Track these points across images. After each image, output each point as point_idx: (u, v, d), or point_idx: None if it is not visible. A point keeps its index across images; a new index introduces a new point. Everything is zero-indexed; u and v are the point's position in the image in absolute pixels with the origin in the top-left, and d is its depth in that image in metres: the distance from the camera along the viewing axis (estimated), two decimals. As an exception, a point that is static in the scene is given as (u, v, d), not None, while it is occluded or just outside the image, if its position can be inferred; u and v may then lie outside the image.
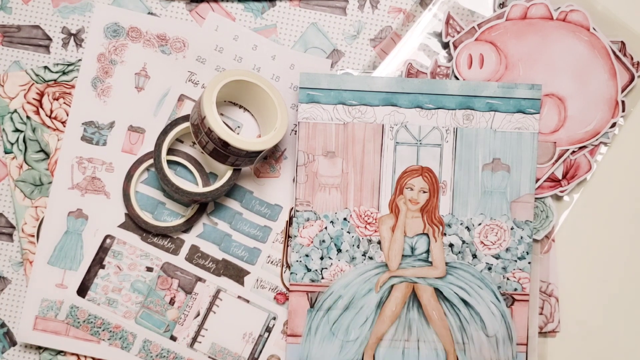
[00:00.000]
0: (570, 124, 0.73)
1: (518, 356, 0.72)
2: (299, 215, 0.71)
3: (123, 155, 0.73)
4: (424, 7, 0.75)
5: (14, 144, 0.73)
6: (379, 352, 0.71)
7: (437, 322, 0.71)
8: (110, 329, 0.72)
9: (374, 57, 0.74)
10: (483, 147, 0.71)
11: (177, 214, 0.73)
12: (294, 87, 0.74)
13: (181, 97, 0.73)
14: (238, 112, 0.74)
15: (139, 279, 0.72)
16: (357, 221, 0.71)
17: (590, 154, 0.74)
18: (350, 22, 0.75)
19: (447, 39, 0.73)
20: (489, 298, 0.72)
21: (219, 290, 0.73)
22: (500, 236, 0.72)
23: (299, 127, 0.71)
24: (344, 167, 0.71)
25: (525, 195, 0.72)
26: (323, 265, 0.71)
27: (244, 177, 0.73)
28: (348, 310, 0.71)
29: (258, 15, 0.74)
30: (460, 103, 0.71)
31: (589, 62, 0.73)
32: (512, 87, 0.71)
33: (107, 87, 0.73)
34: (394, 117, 0.71)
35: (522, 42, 0.73)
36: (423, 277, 0.71)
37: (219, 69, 0.73)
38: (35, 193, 0.72)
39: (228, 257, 0.73)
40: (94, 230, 0.72)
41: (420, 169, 0.72)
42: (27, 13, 0.73)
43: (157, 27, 0.73)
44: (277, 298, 0.73)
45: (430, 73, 0.73)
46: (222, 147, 0.68)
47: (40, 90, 0.73)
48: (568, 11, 0.73)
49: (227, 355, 0.72)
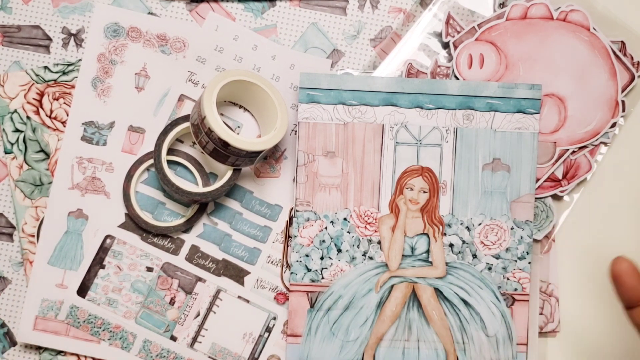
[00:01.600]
0: (571, 124, 0.73)
1: (518, 356, 0.72)
2: (299, 215, 0.71)
3: (123, 155, 0.73)
4: (424, 7, 0.75)
5: (14, 144, 0.73)
6: (379, 352, 0.71)
7: (437, 322, 0.71)
8: (111, 329, 0.72)
9: (374, 57, 0.74)
10: (483, 147, 0.71)
11: (177, 214, 0.73)
12: (294, 87, 0.74)
13: (181, 97, 0.73)
14: (238, 112, 0.74)
15: (139, 279, 0.72)
16: (357, 221, 0.71)
17: (590, 154, 0.74)
18: (351, 22, 0.75)
19: (447, 39, 0.73)
20: (489, 298, 0.72)
21: (219, 290, 0.73)
22: (500, 236, 0.72)
23: (299, 127, 0.71)
24: (344, 167, 0.71)
25: (526, 195, 0.72)
26: (323, 265, 0.71)
27: (244, 177, 0.73)
28: (348, 310, 0.71)
29: (258, 15, 0.74)
30: (460, 103, 0.71)
31: (589, 62, 0.73)
32: (512, 87, 0.71)
33: (107, 87, 0.73)
34: (394, 117, 0.71)
35: (522, 42, 0.73)
36: (423, 277, 0.71)
37: (219, 69, 0.73)
38: (36, 193, 0.72)
39: (228, 257, 0.73)
40: (94, 230, 0.72)
41: (420, 169, 0.72)
42: (27, 13, 0.73)
43: (157, 27, 0.73)
44: (277, 298, 0.73)
45: (430, 73, 0.73)
46: (222, 147, 0.68)
47: (41, 90, 0.73)
48: (568, 11, 0.73)
49: (227, 355, 0.72)
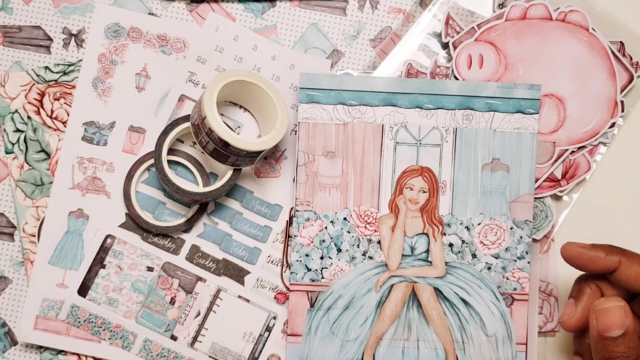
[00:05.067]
0: (570, 124, 0.73)
1: (517, 355, 0.72)
2: (299, 215, 0.71)
3: (124, 155, 0.73)
4: (423, 8, 0.75)
5: (15, 144, 0.73)
6: (379, 351, 0.71)
7: (436, 321, 0.72)
8: (111, 328, 0.72)
9: (373, 57, 0.75)
10: (482, 147, 0.72)
11: (177, 214, 0.73)
12: (294, 87, 0.74)
13: (182, 97, 0.73)
14: (238, 112, 0.74)
15: (139, 278, 0.72)
16: (357, 221, 0.71)
17: (589, 154, 0.74)
18: (350, 22, 0.75)
19: (447, 39, 0.73)
20: (488, 298, 0.72)
21: (220, 290, 0.73)
22: (499, 236, 0.72)
23: (299, 127, 0.71)
24: (344, 167, 0.71)
25: (525, 195, 0.72)
26: (323, 264, 0.71)
27: (244, 177, 0.74)
28: (348, 309, 0.71)
29: (258, 15, 0.74)
30: (459, 103, 0.71)
31: (588, 62, 0.73)
32: (511, 88, 0.72)
33: (108, 87, 0.73)
34: (393, 117, 0.71)
35: (521, 43, 0.73)
36: (423, 277, 0.72)
37: (219, 69, 0.74)
38: (36, 193, 0.73)
39: (228, 257, 0.73)
40: (95, 230, 0.72)
41: (420, 169, 0.72)
42: (28, 13, 0.73)
43: (158, 28, 0.73)
44: (277, 298, 0.73)
45: (430, 73, 0.73)
46: (223, 147, 0.68)
47: (41, 90, 0.73)
48: (567, 12, 0.73)
49: (228, 354, 0.73)
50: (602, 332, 0.60)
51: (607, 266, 0.64)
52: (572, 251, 0.65)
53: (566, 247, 0.65)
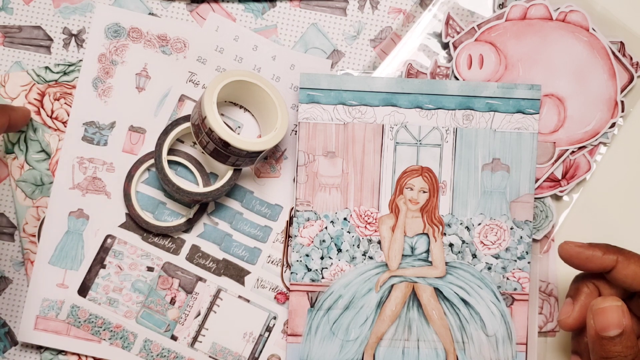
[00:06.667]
0: (570, 124, 0.73)
1: (518, 355, 0.72)
2: (299, 215, 0.71)
3: (124, 155, 0.73)
4: (423, 8, 0.75)
5: (15, 144, 0.73)
6: (379, 351, 0.71)
7: (437, 321, 0.72)
8: (111, 328, 0.72)
9: (374, 57, 0.75)
10: (483, 147, 0.72)
11: (177, 214, 0.73)
12: (294, 87, 0.74)
13: (182, 97, 0.73)
14: (238, 112, 0.74)
15: (139, 278, 0.72)
16: (357, 221, 0.71)
17: (589, 154, 0.74)
18: (351, 22, 0.75)
19: (447, 39, 0.73)
20: (488, 298, 0.72)
21: (220, 290, 0.73)
22: (500, 236, 0.72)
23: (299, 127, 0.71)
24: (344, 167, 0.71)
25: (525, 195, 0.72)
26: (323, 265, 0.71)
27: (244, 177, 0.74)
28: (348, 309, 0.71)
29: (258, 15, 0.74)
30: (460, 103, 0.71)
31: (588, 62, 0.73)
32: (511, 88, 0.72)
33: (108, 88, 0.73)
34: (394, 118, 0.71)
35: (521, 43, 0.73)
36: (423, 277, 0.72)
37: (219, 70, 0.74)
38: (37, 193, 0.73)
39: (228, 257, 0.73)
40: (95, 230, 0.72)
41: (420, 169, 0.72)
42: (28, 14, 0.73)
43: (158, 28, 0.73)
44: (278, 298, 0.73)
45: (430, 73, 0.73)
46: (223, 147, 0.68)
47: (42, 90, 0.73)
48: (567, 12, 0.73)
49: (228, 354, 0.73)
50: (600, 331, 0.60)
51: (604, 265, 0.64)
52: (569, 250, 0.65)
53: (563, 246, 0.65)
